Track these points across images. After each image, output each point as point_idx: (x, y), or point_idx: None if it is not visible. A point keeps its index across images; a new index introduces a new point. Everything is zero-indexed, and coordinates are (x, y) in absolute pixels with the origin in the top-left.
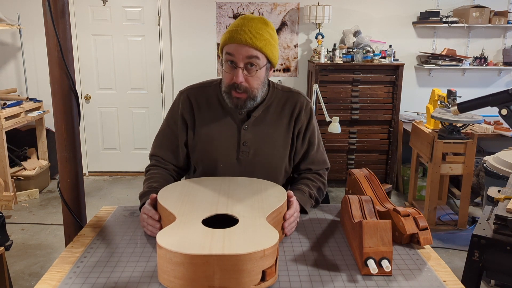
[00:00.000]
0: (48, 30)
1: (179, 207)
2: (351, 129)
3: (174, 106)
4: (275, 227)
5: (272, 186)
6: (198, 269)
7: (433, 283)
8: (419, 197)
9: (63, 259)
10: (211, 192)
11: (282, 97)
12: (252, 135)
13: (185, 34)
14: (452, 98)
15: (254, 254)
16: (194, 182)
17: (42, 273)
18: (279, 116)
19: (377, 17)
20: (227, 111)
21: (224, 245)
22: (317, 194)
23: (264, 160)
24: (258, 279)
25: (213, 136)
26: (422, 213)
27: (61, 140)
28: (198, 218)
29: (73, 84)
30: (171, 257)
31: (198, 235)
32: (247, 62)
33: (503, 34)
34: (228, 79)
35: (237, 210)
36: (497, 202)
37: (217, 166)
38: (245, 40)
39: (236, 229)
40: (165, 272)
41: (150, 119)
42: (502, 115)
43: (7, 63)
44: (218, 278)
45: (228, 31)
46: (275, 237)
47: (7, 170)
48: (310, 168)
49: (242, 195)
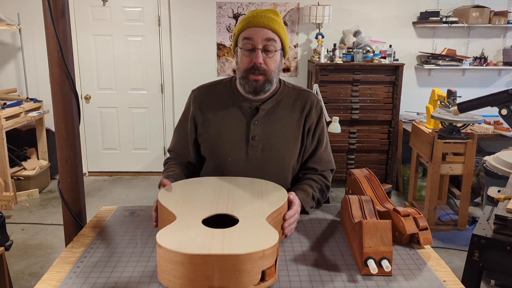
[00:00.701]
0: (48, 30)
1: (179, 206)
2: (351, 129)
3: (186, 105)
4: (275, 228)
5: (272, 186)
6: (197, 268)
7: (433, 283)
8: (419, 197)
9: (63, 259)
10: (211, 192)
11: (293, 94)
12: (261, 130)
13: (185, 34)
14: (452, 98)
15: (253, 254)
16: (194, 182)
17: (42, 273)
18: (290, 112)
19: (377, 17)
20: (237, 107)
21: (223, 245)
22: (319, 195)
23: (272, 155)
24: (257, 279)
25: (222, 130)
26: (422, 213)
27: (61, 140)
28: (198, 217)
29: (73, 84)
30: (170, 256)
31: (198, 234)
32: (265, 44)
33: (503, 34)
34: (246, 63)
35: (237, 210)
36: (497, 202)
37: (225, 160)
38: (263, 23)
39: (236, 229)
40: (164, 271)
41: (150, 119)
42: (502, 115)
43: (7, 63)
44: (217, 278)
45: (244, 20)
46: (275, 237)
47: (7, 170)
48: (316, 168)
49: (243, 195)
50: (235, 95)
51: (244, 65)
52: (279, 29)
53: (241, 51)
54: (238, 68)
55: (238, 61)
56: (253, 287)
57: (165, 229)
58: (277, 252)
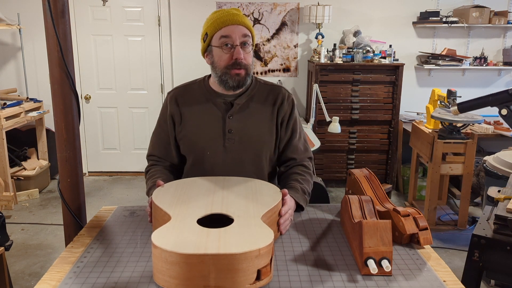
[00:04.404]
0: (48, 30)
1: (174, 207)
2: (351, 129)
3: (163, 106)
4: (270, 227)
5: (267, 185)
6: (193, 268)
7: (433, 283)
8: (419, 197)
9: (63, 259)
10: (206, 191)
11: (265, 89)
12: (237, 123)
13: (185, 34)
14: (452, 98)
15: (249, 253)
16: (189, 182)
17: (42, 273)
18: (263, 105)
19: (377, 17)
20: (211, 103)
21: (219, 244)
22: (306, 186)
23: (249, 146)
24: (253, 278)
25: (199, 126)
26: (422, 213)
27: (61, 140)
28: (193, 217)
29: (73, 84)
30: (166, 256)
31: (193, 234)
32: (242, 40)
33: (503, 34)
34: (226, 61)
35: (232, 210)
36: (497, 202)
37: (204, 154)
38: (237, 20)
39: (231, 229)
40: (160, 271)
41: (150, 119)
42: (502, 115)
43: (7, 63)
44: (213, 278)
45: (217, 19)
46: (270, 236)
47: (7, 170)
48: (294, 158)
49: (237, 195)
50: (209, 93)
51: (224, 62)
52: (250, 25)
53: (219, 49)
54: (215, 67)
55: (215, 59)
56: (248, 286)
57: (160, 229)
58: (273, 251)
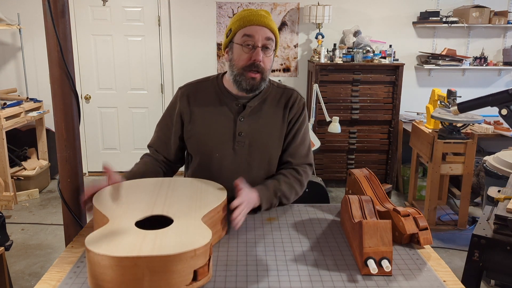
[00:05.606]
0: (48, 30)
1: (113, 209)
2: (351, 129)
3: (172, 101)
4: (212, 227)
5: (212, 185)
6: (126, 271)
7: (433, 283)
8: (419, 197)
9: (63, 259)
10: (149, 193)
11: (277, 92)
12: (247, 126)
13: (185, 34)
14: (452, 98)
15: (184, 254)
16: (134, 183)
17: (42, 273)
18: (275, 109)
19: (377, 17)
20: (223, 103)
21: (154, 246)
22: (287, 191)
23: (259, 150)
24: (189, 279)
25: (209, 126)
26: (422, 213)
27: (61, 140)
28: (132, 219)
29: (73, 84)
30: (98, 260)
31: (129, 237)
32: (264, 43)
33: (503, 34)
34: (244, 61)
35: (173, 211)
36: (497, 202)
37: (212, 156)
38: (263, 22)
39: (168, 230)
40: (93, 276)
41: (150, 119)
42: (502, 115)
43: (7, 63)
44: (147, 280)
45: (243, 17)
46: (208, 236)
47: (7, 170)
48: (290, 162)
49: (181, 196)
50: (222, 92)
51: (242, 62)
52: (276, 30)
53: (240, 47)
54: (232, 65)
55: (234, 57)
56: (185, 287)
57: (95, 232)
58: (211, 251)
